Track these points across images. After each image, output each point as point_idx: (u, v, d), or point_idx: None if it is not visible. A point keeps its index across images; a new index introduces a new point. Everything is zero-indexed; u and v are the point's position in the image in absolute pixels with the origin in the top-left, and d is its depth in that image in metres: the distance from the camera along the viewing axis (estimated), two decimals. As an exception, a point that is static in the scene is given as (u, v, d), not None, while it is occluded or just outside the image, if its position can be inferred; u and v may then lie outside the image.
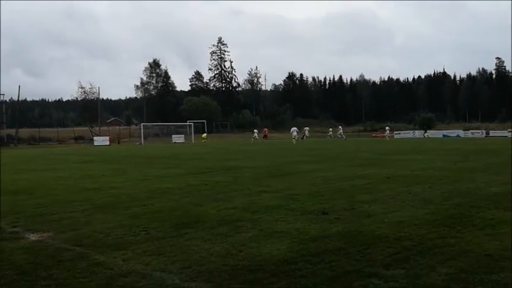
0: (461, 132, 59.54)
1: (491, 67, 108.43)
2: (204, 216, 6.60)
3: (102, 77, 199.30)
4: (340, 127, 56.19)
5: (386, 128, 57.38)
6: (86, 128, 71.50)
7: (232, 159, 19.88)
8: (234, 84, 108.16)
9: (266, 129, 58.19)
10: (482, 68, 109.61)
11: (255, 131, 51.85)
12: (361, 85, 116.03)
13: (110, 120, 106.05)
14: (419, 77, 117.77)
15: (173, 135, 60.01)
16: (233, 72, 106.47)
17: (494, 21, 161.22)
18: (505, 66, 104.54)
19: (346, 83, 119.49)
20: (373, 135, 67.45)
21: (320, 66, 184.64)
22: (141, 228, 5.89)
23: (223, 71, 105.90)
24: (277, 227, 5.75)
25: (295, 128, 46.40)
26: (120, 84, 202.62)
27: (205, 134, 56.06)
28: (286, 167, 14.85)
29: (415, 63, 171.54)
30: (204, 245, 5.00)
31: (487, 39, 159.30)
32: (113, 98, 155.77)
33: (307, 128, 55.73)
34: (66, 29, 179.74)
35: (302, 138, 48.66)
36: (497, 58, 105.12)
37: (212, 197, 8.50)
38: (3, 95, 60.64)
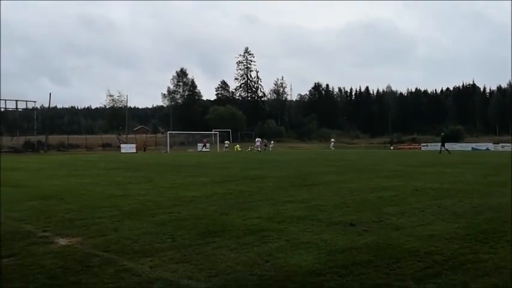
0: (490, 146, 58.28)
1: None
2: (229, 225, 6.59)
3: (126, 86, 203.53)
4: (259, 140, 56.73)
5: (332, 139, 58.46)
6: (114, 136, 72.68)
7: (256, 168, 19.87)
8: (260, 94, 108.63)
9: (205, 139, 60.22)
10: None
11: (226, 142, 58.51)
12: (388, 96, 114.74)
13: (136, 128, 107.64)
14: (447, 88, 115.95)
15: (198, 144, 60.50)
16: (259, 82, 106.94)
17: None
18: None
19: (373, 94, 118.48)
20: (400, 147, 66.67)
21: (343, 77, 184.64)
22: (167, 235, 5.91)
23: (249, 81, 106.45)
24: (303, 238, 5.69)
25: (259, 139, 53.44)
26: (142, 93, 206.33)
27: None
28: (311, 177, 14.75)
29: (440, 75, 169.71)
30: (231, 254, 4.98)
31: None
32: (140, 107, 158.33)
33: (272, 141, 62.16)
34: (87, 38, 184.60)
35: (265, 148, 54.28)
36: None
37: (238, 206, 8.49)
38: (35, 102, 62.29)
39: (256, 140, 53.61)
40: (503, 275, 4.18)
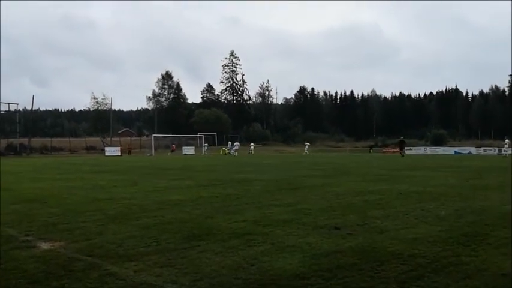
0: (473, 149, 59.09)
1: (504, 84, 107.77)
2: (215, 228, 6.58)
3: (110, 88, 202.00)
4: (238, 144, 57.26)
5: (306, 143, 59.22)
6: (98, 139, 72.05)
7: (242, 171, 19.86)
8: (245, 97, 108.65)
9: (174, 145, 60.63)
10: (495, 85, 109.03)
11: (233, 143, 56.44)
12: (373, 100, 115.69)
13: (121, 131, 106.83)
14: (431, 93, 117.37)
15: (183, 147, 60.40)
16: (244, 85, 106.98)
17: (503, 38, 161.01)
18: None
19: (358, 97, 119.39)
20: (384, 150, 67.23)
21: (328, 81, 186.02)
22: (152, 239, 5.88)
23: (234, 84, 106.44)
24: (288, 241, 5.71)
25: (238, 143, 55.11)
26: (127, 96, 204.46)
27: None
28: (297, 180, 14.79)
29: (424, 79, 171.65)
30: (216, 257, 4.98)
31: (499, 56, 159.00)
32: (125, 109, 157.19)
33: (253, 144, 61.90)
34: (69, 39, 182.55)
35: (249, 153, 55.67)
36: (511, 75, 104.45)
37: (223, 209, 8.48)
38: (17, 104, 61.55)
39: (235, 144, 53.88)
40: (484, 278, 4.24)
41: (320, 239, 5.83)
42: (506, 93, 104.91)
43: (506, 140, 46.68)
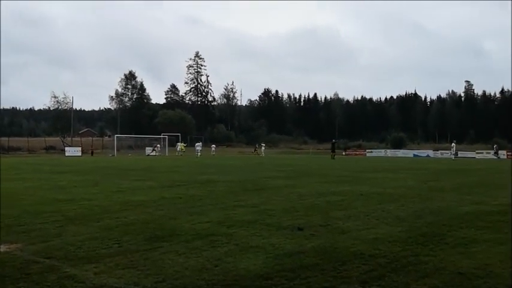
0: (431, 152, 60.77)
1: (460, 90, 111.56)
2: (178, 229, 6.52)
3: (71, 87, 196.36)
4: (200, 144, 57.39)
5: (262, 144, 60.03)
6: (58, 138, 70.14)
7: (206, 172, 19.75)
8: (210, 99, 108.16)
9: (158, 146, 60.65)
10: (452, 91, 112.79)
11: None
12: (335, 103, 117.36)
13: (82, 131, 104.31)
14: (391, 97, 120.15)
15: (147, 148, 59.47)
16: (209, 86, 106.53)
17: (460, 45, 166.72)
18: (473, 89, 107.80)
19: (321, 100, 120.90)
20: (347, 153, 68.32)
21: (292, 83, 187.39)
22: (113, 240, 5.77)
23: (199, 85, 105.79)
24: (252, 242, 5.72)
25: (200, 143, 54.52)
26: (89, 95, 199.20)
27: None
28: (261, 182, 14.84)
29: (385, 83, 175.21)
30: (179, 259, 4.93)
31: (456, 62, 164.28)
32: (86, 109, 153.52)
33: (214, 145, 63.99)
34: (25, 36, 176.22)
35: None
36: (467, 81, 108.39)
37: (187, 210, 8.41)
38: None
39: (197, 144, 53.61)
40: (442, 276, 4.36)
41: (283, 239, 5.87)
42: (463, 98, 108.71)
43: (453, 144, 48.56)
